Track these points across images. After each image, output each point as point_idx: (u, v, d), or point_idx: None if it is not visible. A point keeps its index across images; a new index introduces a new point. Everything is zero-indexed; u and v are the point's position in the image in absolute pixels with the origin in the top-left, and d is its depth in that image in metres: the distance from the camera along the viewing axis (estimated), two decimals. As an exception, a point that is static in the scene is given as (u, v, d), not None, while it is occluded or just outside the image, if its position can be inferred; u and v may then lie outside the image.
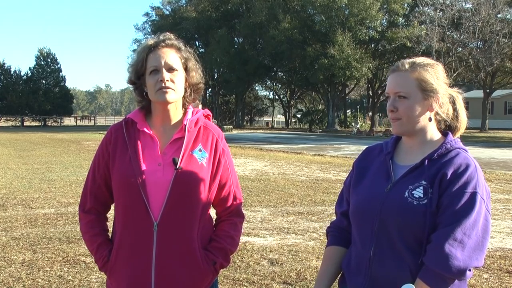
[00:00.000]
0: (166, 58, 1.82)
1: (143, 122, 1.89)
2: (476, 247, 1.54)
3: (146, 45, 1.86)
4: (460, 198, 1.56)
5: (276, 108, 73.90)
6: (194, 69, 1.91)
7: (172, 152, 1.84)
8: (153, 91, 1.82)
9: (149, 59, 1.83)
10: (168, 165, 1.82)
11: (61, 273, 4.60)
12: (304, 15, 42.42)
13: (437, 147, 1.68)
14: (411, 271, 1.60)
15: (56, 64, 59.82)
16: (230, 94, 57.50)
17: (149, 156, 1.84)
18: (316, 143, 25.32)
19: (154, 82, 1.81)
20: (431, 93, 1.68)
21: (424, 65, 1.70)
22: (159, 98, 1.82)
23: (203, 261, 1.84)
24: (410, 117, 1.68)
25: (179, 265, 1.81)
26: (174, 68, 1.83)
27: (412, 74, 1.68)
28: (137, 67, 1.86)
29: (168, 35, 1.90)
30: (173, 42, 1.87)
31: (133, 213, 1.80)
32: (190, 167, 1.83)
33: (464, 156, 1.65)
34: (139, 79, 1.87)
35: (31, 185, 10.08)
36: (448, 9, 35.59)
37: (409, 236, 1.60)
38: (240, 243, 1.94)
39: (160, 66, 1.81)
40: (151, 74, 1.82)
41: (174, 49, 1.86)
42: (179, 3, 54.48)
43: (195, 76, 1.92)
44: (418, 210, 1.59)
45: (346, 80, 41.19)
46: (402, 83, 1.68)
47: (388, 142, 1.83)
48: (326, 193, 9.39)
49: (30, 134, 32.55)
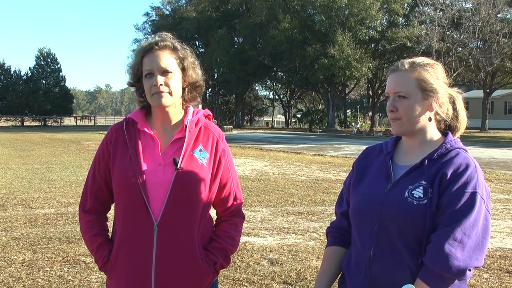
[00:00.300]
0: (159, 61, 1.81)
1: (144, 122, 1.89)
2: (476, 247, 1.54)
3: (141, 48, 1.86)
4: (460, 198, 1.56)
5: (276, 108, 73.91)
6: (191, 67, 1.90)
7: (172, 152, 1.84)
8: (149, 95, 1.83)
9: (144, 63, 1.83)
10: (169, 165, 1.82)
11: (61, 273, 4.60)
12: (304, 15, 42.42)
13: (437, 147, 1.68)
14: (411, 271, 1.60)
15: (56, 64, 59.82)
16: (230, 94, 57.48)
17: (149, 156, 1.83)
18: (316, 143, 25.33)
19: (149, 86, 1.81)
20: (430, 93, 1.68)
21: (424, 65, 1.70)
22: (154, 103, 1.82)
23: (203, 262, 1.84)
24: (410, 117, 1.68)
25: (179, 265, 1.81)
26: (168, 70, 1.82)
27: (412, 74, 1.68)
28: (134, 71, 1.86)
29: (164, 35, 1.89)
30: (167, 43, 1.85)
31: (133, 213, 1.80)
32: (190, 167, 1.83)
33: (464, 156, 1.65)
34: (138, 81, 1.87)
35: (31, 185, 10.08)
36: (448, 9, 35.59)
37: (409, 236, 1.60)
38: (240, 243, 1.93)
39: (153, 70, 1.81)
40: (146, 77, 1.82)
41: (168, 51, 1.85)
42: (179, 3, 54.46)
43: (192, 74, 1.90)
44: (418, 210, 1.58)
45: (346, 80, 41.19)
46: (402, 83, 1.68)
47: (388, 142, 1.83)
48: (326, 193, 9.39)
49: (30, 134, 32.55)
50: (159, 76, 1.80)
